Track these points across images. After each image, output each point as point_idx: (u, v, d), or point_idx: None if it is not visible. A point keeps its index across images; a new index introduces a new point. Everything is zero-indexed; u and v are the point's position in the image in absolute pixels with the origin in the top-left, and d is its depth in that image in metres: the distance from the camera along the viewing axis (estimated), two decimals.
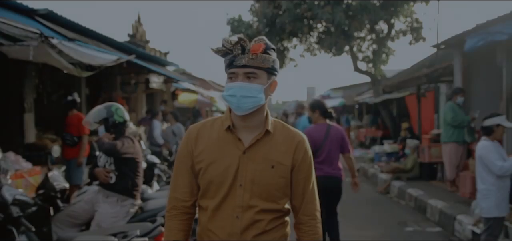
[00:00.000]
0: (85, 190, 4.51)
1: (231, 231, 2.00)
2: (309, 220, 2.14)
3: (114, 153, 3.96)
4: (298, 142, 2.10)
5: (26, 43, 5.28)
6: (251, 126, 2.06)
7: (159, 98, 16.80)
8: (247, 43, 1.97)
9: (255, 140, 2.04)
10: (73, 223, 4.07)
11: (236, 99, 1.95)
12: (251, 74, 1.97)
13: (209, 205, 2.05)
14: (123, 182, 4.03)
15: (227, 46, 1.97)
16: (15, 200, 3.35)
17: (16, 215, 3.31)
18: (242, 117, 2.02)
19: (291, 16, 15.63)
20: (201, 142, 2.08)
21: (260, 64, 1.97)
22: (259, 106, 2.01)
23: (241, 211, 2.00)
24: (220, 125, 2.10)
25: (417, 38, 17.03)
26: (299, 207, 2.15)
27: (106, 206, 3.99)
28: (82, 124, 7.18)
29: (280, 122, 2.17)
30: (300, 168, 2.09)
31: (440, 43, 10.07)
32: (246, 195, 2.01)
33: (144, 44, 17.35)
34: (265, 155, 2.04)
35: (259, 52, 1.96)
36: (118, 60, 7.73)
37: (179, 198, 2.13)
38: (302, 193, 2.13)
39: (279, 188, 2.05)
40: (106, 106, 4.31)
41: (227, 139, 2.05)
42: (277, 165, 2.04)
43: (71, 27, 8.97)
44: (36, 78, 8.92)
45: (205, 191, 2.07)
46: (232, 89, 1.97)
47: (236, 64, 1.96)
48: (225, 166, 2.02)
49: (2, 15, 6.18)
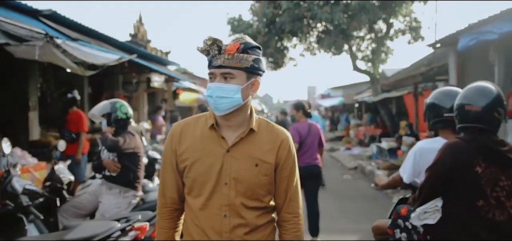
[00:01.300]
0: (89, 184, 4.72)
1: (220, 229, 2.01)
2: (292, 218, 2.15)
3: (116, 149, 4.17)
4: (282, 140, 2.10)
5: (32, 43, 5.47)
6: (234, 125, 2.06)
7: (160, 97, 16.98)
8: (222, 43, 1.96)
9: (239, 138, 2.04)
10: (78, 214, 4.28)
11: (213, 99, 1.96)
12: (227, 74, 1.96)
13: (195, 204, 2.06)
14: (125, 175, 4.24)
15: (205, 46, 1.97)
16: (25, 190, 3.58)
17: (25, 204, 3.53)
18: (224, 116, 2.02)
19: (290, 16, 15.81)
20: (185, 140, 2.08)
21: (237, 64, 1.95)
22: (237, 106, 2.00)
23: (228, 209, 2.01)
24: (204, 123, 2.10)
25: (415, 38, 17.19)
26: (282, 205, 2.15)
27: (109, 197, 4.20)
28: (81, 121, 7.41)
29: (264, 120, 2.17)
30: (283, 166, 2.10)
31: (435, 42, 10.25)
32: (231, 193, 2.01)
33: (146, 43, 17.53)
34: (249, 154, 2.04)
35: (234, 52, 1.94)
36: (120, 59, 7.92)
37: (169, 195, 2.14)
38: (285, 191, 2.13)
39: (263, 186, 2.06)
40: (111, 101, 4.55)
41: (210, 138, 2.05)
42: (261, 163, 2.04)
43: (74, 27, 9.17)
44: (40, 77, 9.12)
45: (190, 189, 2.08)
46: (210, 90, 1.98)
47: (213, 64, 1.96)
48: (209, 164, 2.02)
49: (7, 15, 6.38)
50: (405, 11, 16.42)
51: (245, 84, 1.99)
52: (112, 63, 7.53)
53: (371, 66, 17.94)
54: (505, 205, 2.75)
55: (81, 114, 7.61)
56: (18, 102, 8.28)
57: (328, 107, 32.80)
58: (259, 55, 2.03)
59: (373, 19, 15.53)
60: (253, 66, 1.98)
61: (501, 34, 6.35)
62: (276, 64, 18.74)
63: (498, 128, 2.85)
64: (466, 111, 2.82)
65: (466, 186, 2.76)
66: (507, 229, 2.73)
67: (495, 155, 2.78)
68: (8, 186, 3.62)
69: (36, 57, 5.43)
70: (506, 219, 2.72)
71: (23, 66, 7.80)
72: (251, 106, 2.12)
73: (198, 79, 21.96)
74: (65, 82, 10.40)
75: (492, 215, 2.73)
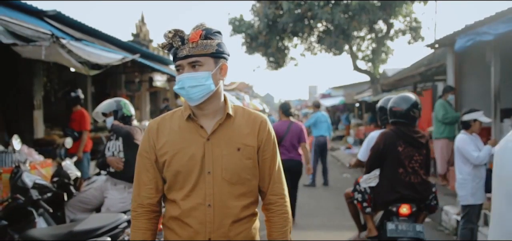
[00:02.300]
0: (94, 180, 4.87)
1: (204, 219, 1.97)
2: (278, 199, 2.14)
3: (130, 136, 4.32)
4: (260, 122, 2.10)
5: (38, 44, 5.63)
6: (210, 113, 2.04)
7: (162, 96, 17.12)
8: (184, 33, 1.95)
9: (218, 125, 2.02)
10: (84, 208, 4.44)
11: (185, 90, 1.95)
12: (195, 62, 1.94)
13: (177, 197, 2.01)
14: (130, 170, 4.37)
15: (166, 39, 1.96)
16: (35, 184, 3.74)
17: (35, 198, 3.69)
18: (198, 105, 2.00)
19: (292, 16, 15.94)
20: (162, 134, 2.05)
21: (202, 51, 1.94)
22: (210, 93, 1.99)
23: (212, 199, 1.98)
24: (180, 116, 2.08)
25: (415, 38, 17.31)
26: (267, 187, 2.14)
27: (114, 192, 4.35)
28: (84, 120, 7.56)
29: (240, 107, 2.17)
30: (265, 148, 2.09)
31: (433, 42, 10.36)
32: (216, 181, 1.98)
33: (148, 43, 17.68)
34: (229, 139, 2.02)
35: (197, 40, 1.93)
36: (123, 59, 8.07)
37: (144, 195, 2.08)
38: (269, 174, 2.12)
39: (248, 170, 2.04)
40: (115, 100, 4.71)
41: (189, 128, 2.03)
42: (243, 147, 2.02)
43: (78, 27, 9.32)
44: (44, 76, 9.29)
45: (172, 183, 2.03)
46: (180, 81, 1.96)
47: (179, 55, 1.95)
48: (190, 155, 1.99)
49: (13, 16, 6.54)
50: (405, 11, 16.54)
51: (214, 70, 1.98)
52: (115, 63, 7.67)
53: (371, 66, 18.07)
54: (419, 172, 4.28)
55: (84, 113, 7.74)
56: (23, 101, 8.44)
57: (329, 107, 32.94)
58: (221, 39, 2.03)
59: (373, 19, 15.64)
60: (218, 51, 1.98)
61: (496, 35, 6.47)
62: (277, 63, 18.86)
63: (415, 122, 4.36)
64: (393, 111, 4.43)
65: (392, 160, 4.32)
66: (419, 188, 4.26)
67: (411, 139, 4.31)
68: (19, 181, 3.78)
69: (43, 57, 5.59)
70: (419, 181, 4.27)
71: (28, 65, 7.96)
72: (224, 93, 2.11)
73: None
74: (69, 81, 10.57)
75: (409, 179, 4.28)
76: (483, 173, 4.97)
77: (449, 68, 9.76)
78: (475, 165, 4.89)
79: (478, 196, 4.96)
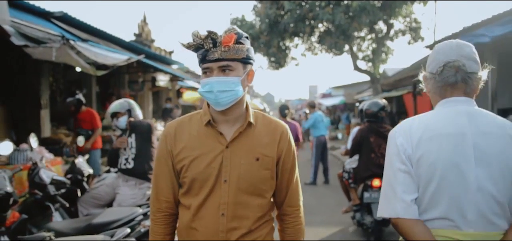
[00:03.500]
0: (105, 177, 5.06)
1: (216, 228, 1.92)
2: (293, 211, 2.10)
3: (149, 129, 4.56)
4: (281, 132, 2.04)
5: (49, 45, 5.81)
6: (232, 119, 1.99)
7: (165, 96, 17.30)
8: (217, 36, 1.88)
9: (238, 133, 1.97)
10: (96, 204, 4.63)
11: (214, 94, 1.88)
12: (225, 67, 1.89)
13: (192, 203, 1.97)
14: (140, 167, 4.57)
15: (197, 40, 1.89)
16: (53, 180, 3.93)
17: (52, 194, 3.88)
18: (222, 111, 1.95)
19: (293, 16, 16.12)
20: (180, 139, 2.00)
21: (234, 56, 1.88)
22: (237, 99, 1.94)
23: (226, 208, 1.92)
24: (199, 120, 2.02)
25: (415, 38, 17.50)
26: (283, 199, 2.09)
27: (125, 189, 4.54)
28: (94, 119, 7.73)
29: (260, 113, 2.10)
30: (285, 159, 2.03)
31: (432, 44, 10.54)
32: (231, 190, 1.93)
33: (150, 43, 17.85)
34: (249, 148, 1.96)
35: (231, 44, 1.87)
36: (129, 59, 8.24)
37: (163, 199, 2.05)
38: (287, 185, 2.07)
39: (265, 181, 1.98)
40: (126, 100, 4.92)
41: (208, 134, 1.97)
42: (262, 157, 1.97)
43: (84, 28, 9.52)
44: (50, 76, 9.46)
45: (188, 189, 1.98)
46: (208, 85, 1.89)
47: (209, 58, 1.88)
48: (208, 161, 1.93)
49: (22, 17, 6.73)
50: (405, 12, 16.71)
51: (242, 76, 1.93)
52: (121, 64, 7.85)
53: (371, 66, 18.26)
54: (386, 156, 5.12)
55: (92, 112, 7.92)
56: (31, 101, 8.60)
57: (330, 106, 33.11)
58: (249, 44, 1.99)
59: (373, 20, 15.81)
60: (247, 56, 1.93)
61: (492, 37, 6.65)
62: (278, 63, 19.05)
63: (382, 120, 6.08)
64: (367, 113, 6.17)
65: (366, 148, 5.94)
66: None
67: (379, 133, 5.91)
68: (36, 177, 3.97)
69: (53, 58, 5.76)
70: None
71: (35, 65, 8.12)
72: (246, 99, 2.05)
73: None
74: (74, 81, 10.76)
75: (379, 161, 5.75)
76: None
77: None
78: None
79: None
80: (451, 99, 1.91)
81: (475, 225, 1.78)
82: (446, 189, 1.79)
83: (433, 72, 1.93)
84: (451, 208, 1.79)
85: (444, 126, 1.85)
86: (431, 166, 1.80)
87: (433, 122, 1.87)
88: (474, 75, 1.90)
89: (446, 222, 1.81)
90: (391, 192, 1.87)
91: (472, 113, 1.87)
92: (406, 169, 1.84)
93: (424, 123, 1.89)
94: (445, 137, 1.82)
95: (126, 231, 3.37)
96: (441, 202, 1.80)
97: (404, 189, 1.83)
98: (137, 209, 3.85)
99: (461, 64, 1.88)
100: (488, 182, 1.78)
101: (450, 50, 1.91)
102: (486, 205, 1.78)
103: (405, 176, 1.84)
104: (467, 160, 1.79)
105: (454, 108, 1.89)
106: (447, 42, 1.97)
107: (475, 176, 1.78)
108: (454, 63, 1.88)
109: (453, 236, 1.79)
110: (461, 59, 1.88)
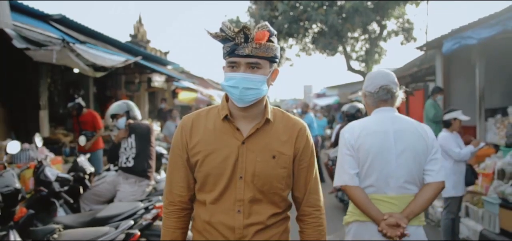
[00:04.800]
0: (105, 175, 5.25)
1: (232, 225, 1.89)
2: (313, 211, 2.05)
3: (150, 131, 4.76)
4: (299, 130, 1.99)
5: (49, 48, 5.99)
6: (250, 116, 1.94)
7: (160, 96, 17.45)
8: (251, 31, 1.81)
9: (255, 129, 1.92)
10: (98, 201, 4.82)
11: (239, 90, 1.82)
12: (254, 64, 1.83)
13: (207, 199, 1.94)
14: (140, 165, 4.76)
15: (229, 33, 1.81)
16: (58, 178, 4.12)
17: (57, 190, 4.08)
18: (242, 107, 1.90)
19: (287, 18, 16.30)
20: (196, 133, 1.96)
21: (264, 54, 1.82)
22: (260, 97, 1.90)
23: (242, 204, 1.89)
24: (216, 114, 1.98)
25: (408, 39, 17.71)
26: (302, 198, 2.05)
27: (126, 186, 4.73)
28: (96, 120, 7.92)
29: (279, 110, 2.06)
30: (302, 157, 1.99)
31: (422, 45, 10.79)
32: (247, 187, 1.89)
33: (145, 44, 17.98)
34: (265, 145, 1.92)
35: (263, 41, 1.82)
36: (126, 61, 8.42)
37: (176, 193, 2.01)
38: (305, 184, 2.02)
39: (281, 179, 1.93)
40: (124, 102, 5.10)
41: (224, 129, 1.93)
42: (278, 155, 1.92)
43: (81, 30, 9.69)
44: (48, 78, 9.61)
45: (202, 184, 1.95)
46: (233, 80, 1.84)
47: (239, 53, 1.81)
48: (223, 157, 1.89)
49: (22, 20, 6.90)
50: (397, 13, 16.93)
51: (268, 74, 1.90)
52: (119, 65, 8.02)
53: (365, 66, 18.49)
54: None
55: (94, 114, 8.12)
56: (30, 101, 8.76)
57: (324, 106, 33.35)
58: (277, 42, 1.95)
59: (366, 21, 16.00)
60: (276, 55, 1.90)
61: (479, 39, 6.87)
62: None
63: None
64: (346, 114, 7.17)
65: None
66: None
67: None
68: (41, 175, 4.16)
69: (54, 61, 5.93)
70: None
71: (34, 67, 8.28)
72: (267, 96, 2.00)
73: (196, 78, 22.46)
74: (72, 82, 10.93)
75: None
76: (463, 168, 5.37)
77: (437, 69, 10.18)
78: (456, 160, 5.31)
79: (458, 189, 5.37)
80: (382, 108, 2.80)
81: (395, 190, 2.66)
82: (375, 166, 2.66)
83: (372, 92, 2.82)
84: (379, 179, 2.67)
85: (375, 126, 2.74)
86: (366, 152, 2.68)
87: (369, 124, 2.77)
88: (396, 94, 2.80)
89: (376, 189, 2.68)
90: (341, 169, 2.75)
91: (394, 117, 2.76)
92: (350, 154, 2.72)
93: (363, 124, 2.80)
94: (376, 133, 2.70)
95: (130, 223, 3.58)
96: (372, 175, 2.67)
97: (349, 166, 2.71)
98: (138, 204, 4.06)
99: (390, 87, 2.76)
100: (403, 162, 2.65)
101: (382, 77, 2.81)
102: (402, 177, 2.65)
103: (349, 158, 2.72)
104: (390, 148, 2.67)
105: (383, 115, 2.77)
106: (379, 70, 2.91)
107: (395, 158, 2.65)
108: (386, 86, 2.76)
109: (380, 198, 2.67)
110: (390, 83, 2.77)
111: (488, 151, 7.22)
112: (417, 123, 2.78)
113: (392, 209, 2.63)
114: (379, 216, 2.62)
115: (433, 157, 2.71)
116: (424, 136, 2.71)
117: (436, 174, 2.69)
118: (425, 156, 2.69)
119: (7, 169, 3.53)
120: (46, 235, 2.91)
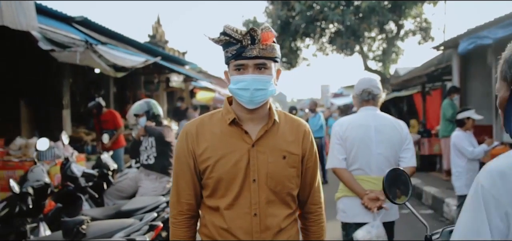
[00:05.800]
0: (127, 172, 5.44)
1: (250, 229, 1.89)
2: (317, 209, 2.11)
3: (162, 136, 4.89)
4: (304, 131, 2.03)
5: (73, 49, 6.22)
6: (257, 118, 1.94)
7: (178, 96, 17.70)
8: (257, 33, 1.81)
9: (264, 131, 1.92)
10: (120, 196, 5.00)
11: (249, 92, 1.83)
12: (262, 65, 1.84)
13: (221, 205, 1.91)
14: (161, 162, 4.94)
15: (236, 35, 1.81)
16: (84, 173, 4.33)
17: (83, 185, 4.28)
18: (249, 109, 1.90)
19: (304, 18, 16.40)
20: (203, 139, 1.93)
21: (270, 54, 1.84)
22: (268, 98, 1.93)
23: (257, 207, 1.89)
24: (221, 119, 1.97)
25: (426, 38, 17.63)
26: (307, 196, 2.09)
27: (147, 182, 4.91)
28: (116, 119, 8.15)
29: (282, 112, 2.09)
30: (308, 157, 2.02)
31: (438, 45, 10.81)
32: (261, 190, 1.90)
33: (164, 44, 18.26)
34: (275, 146, 1.93)
35: (269, 42, 1.84)
36: (146, 61, 8.64)
37: (185, 201, 1.99)
38: (310, 183, 2.07)
39: (292, 179, 1.96)
40: (145, 101, 5.27)
41: (231, 133, 1.92)
42: (288, 155, 1.94)
43: (103, 31, 9.94)
44: (70, 78, 9.90)
45: (214, 190, 1.93)
46: (244, 82, 1.83)
47: (246, 55, 1.81)
48: (235, 161, 1.88)
49: (46, 22, 7.14)
50: (415, 12, 16.88)
51: (274, 75, 1.92)
52: (139, 66, 8.25)
53: (382, 66, 18.48)
54: None
55: (114, 113, 8.34)
56: (53, 101, 9.04)
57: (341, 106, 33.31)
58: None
59: (382, 21, 16.00)
60: (279, 55, 1.92)
61: (495, 39, 6.92)
62: (290, 64, 19.35)
63: None
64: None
65: None
66: None
67: None
68: (68, 171, 4.37)
69: (78, 62, 6.16)
70: None
71: (57, 67, 8.55)
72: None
73: (214, 78, 22.68)
74: (93, 82, 11.21)
75: None
76: (476, 167, 5.43)
77: (454, 69, 10.20)
78: (469, 159, 5.38)
79: None
80: (365, 107, 3.43)
81: (375, 172, 3.28)
82: (360, 154, 3.30)
83: (357, 94, 3.45)
84: (363, 164, 3.31)
85: (360, 120, 3.39)
86: (352, 142, 3.31)
87: (355, 119, 3.43)
88: (377, 95, 3.43)
89: (361, 171, 3.31)
90: (332, 155, 3.39)
91: (375, 115, 3.39)
92: (339, 143, 3.36)
93: (350, 119, 3.47)
94: (360, 127, 3.34)
95: (153, 215, 3.75)
96: (357, 161, 3.31)
97: (338, 152, 3.34)
98: (161, 198, 4.24)
99: (371, 90, 3.39)
100: (382, 150, 3.29)
101: (365, 82, 3.47)
102: (382, 162, 3.28)
103: (339, 147, 3.35)
104: (371, 139, 3.31)
105: (366, 112, 3.40)
106: (365, 77, 3.62)
107: (375, 147, 3.29)
108: (367, 89, 3.40)
109: (365, 178, 3.29)
110: (371, 87, 3.41)
111: (503, 150, 7.25)
112: (394, 120, 3.45)
113: (373, 187, 3.25)
114: (362, 192, 3.25)
115: (406, 146, 3.36)
116: (399, 130, 3.37)
117: (408, 160, 3.34)
118: (400, 146, 3.34)
119: (37, 165, 3.74)
120: (75, 225, 3.09)
